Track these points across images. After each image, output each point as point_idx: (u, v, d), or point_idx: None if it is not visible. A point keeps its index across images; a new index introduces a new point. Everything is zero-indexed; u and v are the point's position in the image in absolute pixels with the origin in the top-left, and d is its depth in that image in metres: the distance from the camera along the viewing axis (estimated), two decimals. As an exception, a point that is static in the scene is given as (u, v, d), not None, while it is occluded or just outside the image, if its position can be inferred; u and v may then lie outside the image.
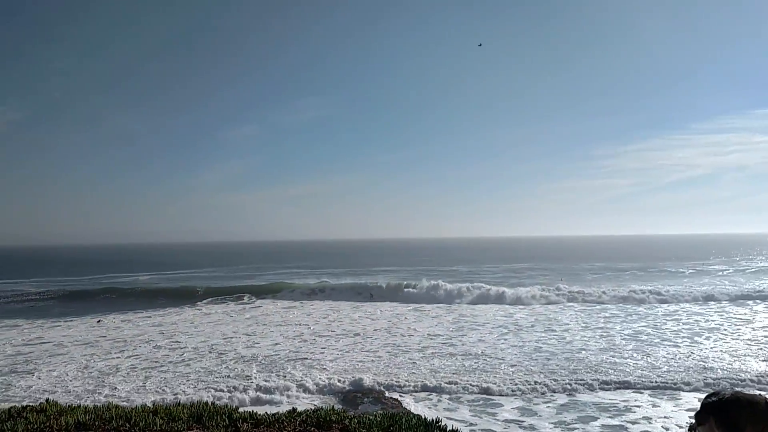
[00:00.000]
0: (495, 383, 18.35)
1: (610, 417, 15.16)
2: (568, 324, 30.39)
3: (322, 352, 24.02)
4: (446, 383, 18.51)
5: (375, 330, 29.53)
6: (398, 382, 18.92)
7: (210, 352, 24.42)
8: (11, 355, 24.91)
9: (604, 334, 27.12)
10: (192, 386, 18.96)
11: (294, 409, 6.70)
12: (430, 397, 17.49)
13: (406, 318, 33.86)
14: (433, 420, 6.54)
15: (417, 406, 16.13)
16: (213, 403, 6.39)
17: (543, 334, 27.27)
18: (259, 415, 6.20)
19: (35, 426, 5.58)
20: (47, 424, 5.62)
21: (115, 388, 18.83)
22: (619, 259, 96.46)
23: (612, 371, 19.68)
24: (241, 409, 6.33)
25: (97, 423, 5.63)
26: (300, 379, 19.34)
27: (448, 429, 6.38)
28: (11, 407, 6.36)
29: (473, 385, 18.20)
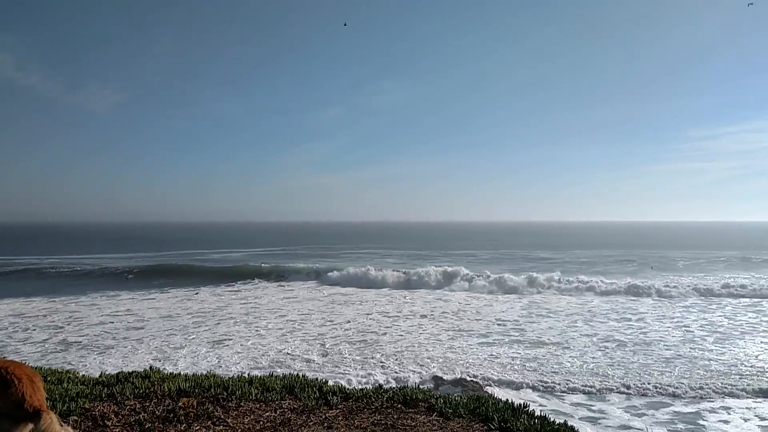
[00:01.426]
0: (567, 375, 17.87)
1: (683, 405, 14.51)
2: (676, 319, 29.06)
3: (401, 335, 24.24)
4: (527, 371, 18.21)
5: (471, 319, 29.48)
6: (476, 366, 18.80)
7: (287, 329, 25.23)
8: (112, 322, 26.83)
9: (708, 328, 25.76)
10: (275, 359, 19.67)
11: (380, 386, 6.78)
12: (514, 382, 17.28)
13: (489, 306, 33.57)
14: (520, 405, 6.42)
15: (498, 392, 15.96)
16: (304, 376, 6.55)
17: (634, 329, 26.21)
18: (348, 389, 6.30)
19: (141, 390, 5.94)
20: (151, 389, 5.96)
21: (220, 357, 19.87)
22: (715, 247, 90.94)
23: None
24: (330, 383, 6.45)
25: (196, 390, 5.91)
26: (382, 361, 19.60)
27: (536, 414, 6.24)
28: (119, 372, 6.80)
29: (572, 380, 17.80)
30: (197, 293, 37.65)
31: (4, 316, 30.17)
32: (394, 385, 7.41)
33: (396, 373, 18.18)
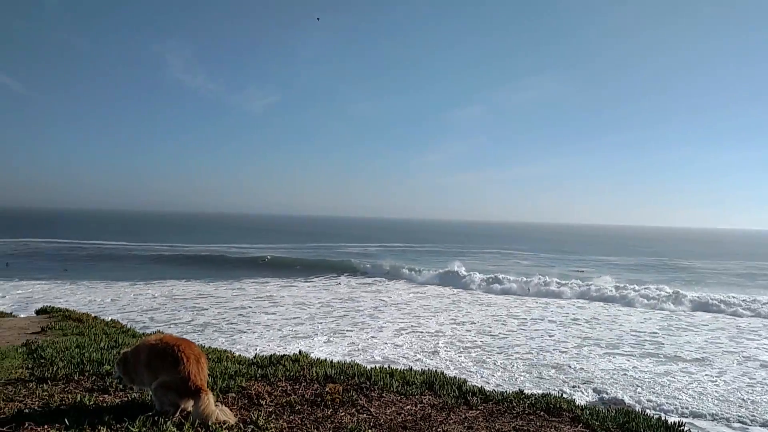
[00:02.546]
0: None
1: None
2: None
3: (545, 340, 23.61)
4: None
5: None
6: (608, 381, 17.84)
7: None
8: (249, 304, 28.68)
9: None
10: (391, 354, 19.96)
11: (521, 391, 6.63)
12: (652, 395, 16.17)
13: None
14: (675, 423, 5.98)
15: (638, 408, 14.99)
16: (442, 373, 6.58)
17: None
18: (488, 391, 6.23)
19: (291, 373, 6.30)
20: (301, 373, 6.30)
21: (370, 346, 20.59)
22: None
23: None
24: (469, 383, 6.42)
25: (341, 377, 6.16)
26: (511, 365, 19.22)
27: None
28: (272, 355, 7.26)
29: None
30: (339, 283, 39.52)
31: (158, 296, 33.48)
32: (534, 392, 7.22)
33: (532, 379, 17.74)
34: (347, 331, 24.58)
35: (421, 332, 24.60)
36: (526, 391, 6.64)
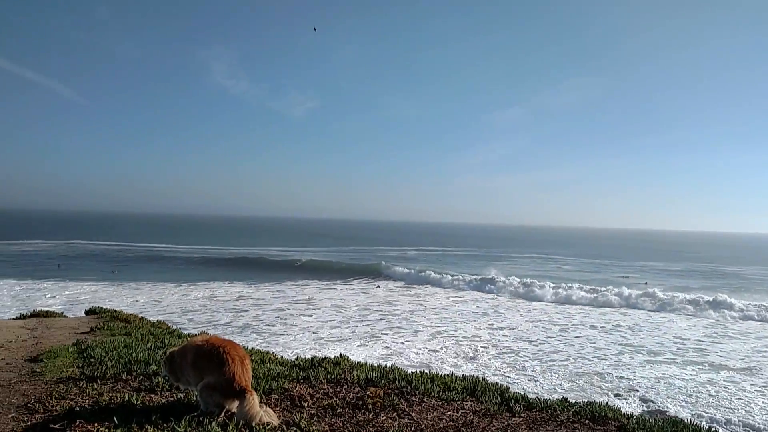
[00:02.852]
0: None
1: None
2: None
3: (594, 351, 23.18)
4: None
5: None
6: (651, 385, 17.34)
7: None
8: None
9: None
10: (428, 359, 19.84)
11: (565, 399, 6.50)
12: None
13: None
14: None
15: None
16: (484, 379, 6.51)
17: None
18: (531, 398, 6.13)
19: (333, 376, 6.33)
20: (342, 376, 6.33)
21: (436, 350, 20.63)
22: None
23: None
24: (512, 389, 6.33)
25: (382, 381, 6.16)
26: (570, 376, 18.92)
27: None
28: (313, 357, 7.32)
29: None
30: (378, 287, 39.73)
31: (200, 297, 34.16)
32: (577, 399, 7.07)
33: (573, 386, 17.42)
34: (383, 334, 24.61)
35: (458, 337, 24.44)
36: (569, 399, 6.51)
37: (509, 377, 18.02)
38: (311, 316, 28.71)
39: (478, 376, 6.62)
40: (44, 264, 55.58)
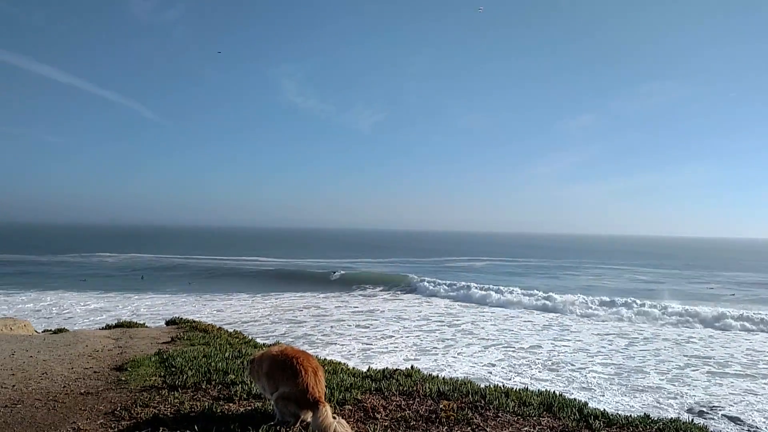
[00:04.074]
0: None
1: None
2: None
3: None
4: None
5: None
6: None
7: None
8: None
9: None
10: (484, 373, 19.38)
11: (647, 415, 6.19)
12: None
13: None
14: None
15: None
16: (561, 395, 6.29)
17: None
18: (611, 414, 5.88)
19: (405, 388, 6.29)
20: (414, 388, 6.28)
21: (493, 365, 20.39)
22: None
23: None
24: (591, 405, 6.09)
25: (455, 394, 6.06)
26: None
27: None
28: (385, 369, 7.31)
29: None
30: (441, 297, 39.44)
31: (263, 308, 34.99)
32: (657, 415, 6.71)
33: (648, 401, 16.64)
34: (442, 345, 24.39)
35: (520, 350, 23.87)
36: (651, 416, 6.19)
37: (577, 391, 17.41)
38: (367, 327, 28.84)
39: (554, 392, 6.41)
40: (128, 276, 58.56)
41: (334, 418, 4.71)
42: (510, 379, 18.68)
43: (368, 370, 7.32)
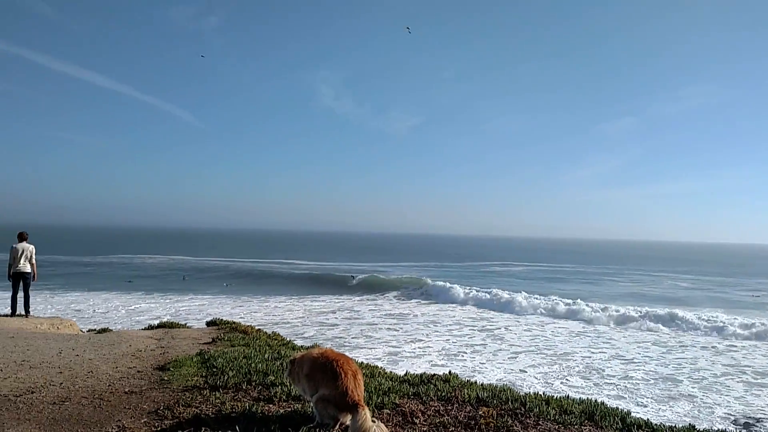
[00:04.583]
0: None
1: None
2: None
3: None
4: None
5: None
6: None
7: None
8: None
9: None
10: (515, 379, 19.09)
11: (692, 426, 6.02)
12: None
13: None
14: None
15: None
16: (603, 403, 6.16)
17: None
18: (655, 424, 5.73)
19: (443, 393, 6.26)
20: (452, 393, 6.24)
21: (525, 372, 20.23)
22: None
23: None
24: (633, 414, 5.95)
25: (494, 401, 6.00)
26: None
27: None
28: (422, 374, 7.29)
29: None
30: (474, 302, 39.10)
31: (296, 310, 35.31)
32: (703, 426, 6.52)
33: (688, 410, 16.18)
34: (469, 351, 24.20)
35: (552, 357, 23.47)
36: (697, 427, 6.02)
37: (613, 400, 17.03)
38: (397, 330, 28.77)
39: (596, 400, 6.28)
40: (169, 277, 59.84)
41: (373, 421, 4.72)
42: (545, 386, 18.40)
43: (406, 374, 7.31)
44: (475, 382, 6.86)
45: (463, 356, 23.28)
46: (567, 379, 19.83)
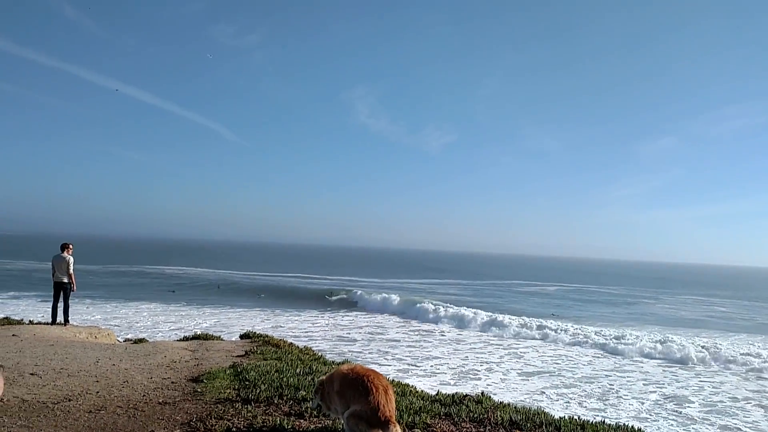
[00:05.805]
0: None
1: None
2: None
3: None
4: None
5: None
6: None
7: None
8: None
9: None
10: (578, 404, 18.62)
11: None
12: None
13: None
14: None
15: None
16: (640, 430, 5.99)
17: None
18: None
19: (474, 414, 6.16)
20: (485, 415, 6.13)
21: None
22: None
23: None
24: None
25: (528, 425, 5.87)
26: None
27: None
28: (454, 394, 7.20)
29: None
30: (505, 323, 38.46)
31: (324, 324, 35.36)
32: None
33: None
34: (483, 367, 23.90)
35: (571, 379, 22.89)
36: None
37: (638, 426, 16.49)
38: (417, 348, 28.53)
39: (633, 426, 6.10)
40: (204, 288, 60.68)
41: (404, 439, 4.67)
42: (566, 409, 17.91)
43: (437, 394, 7.23)
44: (509, 404, 6.74)
45: (482, 375, 22.94)
46: (586, 401, 19.28)
